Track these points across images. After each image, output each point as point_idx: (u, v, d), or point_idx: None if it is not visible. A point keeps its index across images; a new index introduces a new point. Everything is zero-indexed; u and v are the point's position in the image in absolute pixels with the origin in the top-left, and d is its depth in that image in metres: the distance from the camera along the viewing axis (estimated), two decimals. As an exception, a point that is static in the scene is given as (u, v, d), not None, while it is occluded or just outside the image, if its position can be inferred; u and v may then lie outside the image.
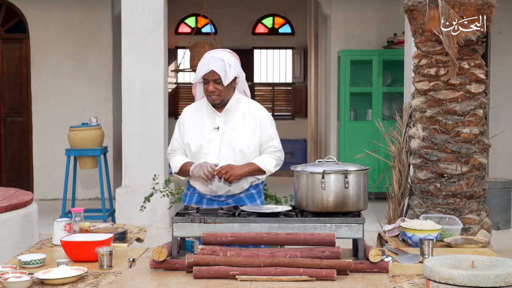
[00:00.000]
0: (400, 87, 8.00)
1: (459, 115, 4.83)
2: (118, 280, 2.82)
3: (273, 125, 3.76)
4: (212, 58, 3.57)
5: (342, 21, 9.23)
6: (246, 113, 3.69)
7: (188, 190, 3.83)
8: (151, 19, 6.90)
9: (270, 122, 3.74)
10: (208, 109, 3.71)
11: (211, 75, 3.56)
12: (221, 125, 3.67)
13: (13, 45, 9.33)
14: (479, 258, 2.59)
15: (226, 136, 3.65)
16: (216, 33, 12.49)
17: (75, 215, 3.55)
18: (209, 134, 3.66)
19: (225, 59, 3.57)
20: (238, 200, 3.72)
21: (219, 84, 3.57)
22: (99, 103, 9.18)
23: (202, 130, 3.68)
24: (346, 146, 8.82)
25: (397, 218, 5.15)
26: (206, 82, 3.60)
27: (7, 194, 5.04)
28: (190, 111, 3.79)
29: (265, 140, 3.70)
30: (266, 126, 3.70)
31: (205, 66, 3.56)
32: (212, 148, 3.64)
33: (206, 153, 3.64)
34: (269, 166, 3.68)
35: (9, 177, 9.37)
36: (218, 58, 3.56)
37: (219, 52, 3.62)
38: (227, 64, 3.57)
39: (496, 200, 6.66)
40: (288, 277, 2.76)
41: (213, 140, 3.65)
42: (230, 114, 3.69)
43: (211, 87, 3.57)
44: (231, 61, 3.59)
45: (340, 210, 3.08)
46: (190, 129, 3.71)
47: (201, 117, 3.71)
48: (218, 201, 3.71)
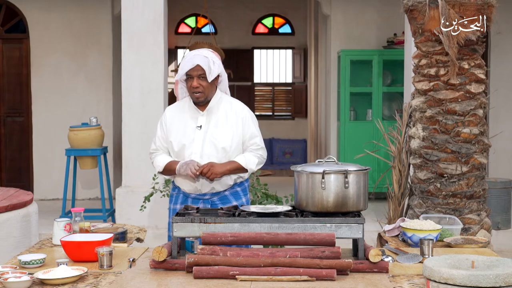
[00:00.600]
0: (400, 87, 7.99)
1: (459, 115, 4.83)
2: (118, 280, 2.82)
3: (255, 123, 3.78)
4: (196, 55, 3.62)
5: (342, 21, 9.23)
6: (228, 111, 3.72)
7: (174, 191, 3.86)
8: (151, 19, 6.90)
9: (252, 120, 3.76)
10: (190, 108, 3.74)
11: (195, 71, 3.60)
12: (204, 123, 3.70)
13: (13, 45, 9.34)
14: (479, 258, 2.59)
15: (208, 134, 3.68)
16: (216, 33, 12.49)
17: (75, 215, 3.55)
18: (191, 133, 3.69)
19: (209, 56, 3.63)
20: (223, 198, 3.74)
21: (203, 80, 3.61)
22: (99, 103, 9.18)
23: (184, 129, 3.71)
24: (346, 146, 8.82)
25: (397, 218, 5.15)
26: (190, 78, 3.63)
27: (7, 194, 5.04)
28: (172, 110, 3.81)
29: (247, 138, 3.72)
30: (249, 124, 3.73)
31: (190, 61, 3.62)
32: (195, 147, 3.66)
33: (189, 152, 3.67)
34: (251, 164, 3.71)
35: (9, 177, 9.37)
36: (202, 55, 3.62)
37: (203, 51, 3.68)
38: (211, 61, 3.62)
39: (496, 200, 6.66)
40: (288, 277, 2.76)
41: (195, 139, 3.67)
42: (213, 112, 3.71)
43: (195, 83, 3.61)
44: (214, 59, 3.65)
45: (340, 210, 3.08)
46: (172, 128, 3.73)
47: (184, 116, 3.74)
48: (203, 200, 3.72)
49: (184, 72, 3.64)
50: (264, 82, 13.81)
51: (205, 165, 3.60)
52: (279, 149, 12.80)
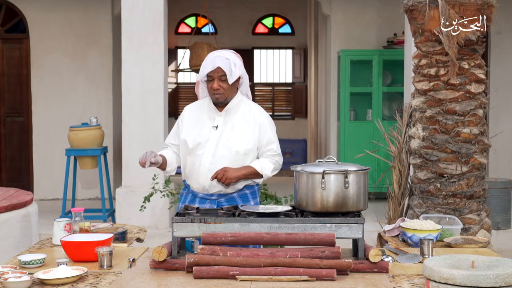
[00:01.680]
0: (400, 87, 8.00)
1: (459, 115, 4.83)
2: (118, 280, 2.82)
3: (273, 128, 3.77)
4: (218, 57, 3.60)
5: (342, 21, 9.23)
6: (247, 114, 3.70)
7: (184, 190, 3.85)
8: (151, 19, 6.90)
9: (270, 125, 3.75)
10: (209, 108, 3.73)
11: (216, 72, 3.59)
12: (220, 124, 3.68)
13: (13, 45, 9.34)
14: (479, 258, 2.59)
15: (224, 135, 3.66)
16: (216, 33, 12.50)
17: (75, 215, 3.55)
18: (207, 133, 3.67)
19: (230, 58, 3.61)
20: (230, 199, 3.72)
21: (224, 82, 3.60)
22: (99, 103, 9.18)
23: (201, 128, 3.70)
24: (346, 146, 8.82)
25: (397, 218, 5.15)
26: (211, 79, 3.62)
27: (7, 194, 5.04)
28: (191, 108, 3.82)
29: (264, 143, 3.71)
30: (266, 129, 3.71)
31: (211, 63, 3.59)
32: (209, 147, 3.65)
33: (202, 151, 3.66)
34: (267, 170, 3.69)
35: (9, 177, 9.37)
36: (224, 57, 3.60)
37: (224, 52, 3.67)
38: (232, 63, 3.60)
39: (496, 200, 6.66)
40: (288, 277, 2.76)
41: (210, 139, 3.66)
42: (231, 114, 3.70)
43: (216, 85, 3.59)
44: (236, 61, 3.63)
45: (340, 210, 3.08)
46: (188, 126, 3.73)
47: (202, 115, 3.74)
48: (210, 200, 3.70)
49: (205, 73, 3.62)
50: (264, 82, 13.81)
51: (219, 170, 3.58)
52: (279, 149, 12.77)
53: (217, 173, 3.58)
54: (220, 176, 3.57)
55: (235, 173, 3.60)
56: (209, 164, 3.63)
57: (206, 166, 3.64)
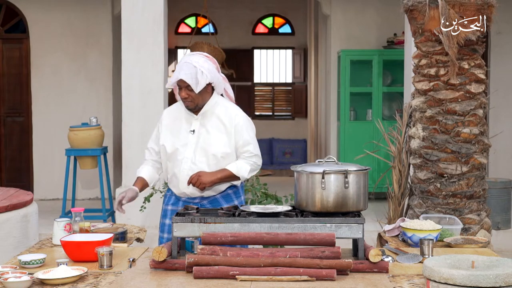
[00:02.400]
0: (400, 87, 7.99)
1: (459, 115, 4.83)
2: (118, 280, 2.82)
3: (249, 129, 3.68)
4: (185, 64, 3.52)
5: (342, 21, 9.23)
6: (222, 117, 3.64)
7: (168, 192, 3.85)
8: (151, 19, 6.90)
9: (246, 126, 3.66)
10: (186, 111, 3.69)
11: (182, 82, 3.54)
12: (197, 128, 3.65)
13: (13, 45, 9.34)
14: (479, 258, 2.59)
15: (201, 139, 3.63)
16: (216, 33, 12.49)
17: (75, 215, 3.56)
18: (185, 137, 3.65)
19: (198, 65, 3.51)
20: (213, 201, 3.71)
21: (191, 91, 3.55)
22: (99, 103, 9.18)
23: (178, 132, 3.67)
24: (346, 146, 8.82)
25: (397, 218, 5.15)
26: (180, 88, 3.58)
27: (7, 194, 5.04)
28: (169, 112, 3.79)
29: (240, 145, 3.65)
30: (242, 131, 3.64)
31: (176, 73, 3.54)
32: (187, 152, 3.63)
33: (181, 157, 3.63)
34: (243, 172, 3.63)
35: (9, 177, 9.37)
36: (191, 65, 3.51)
37: (194, 57, 3.56)
38: (199, 72, 3.51)
39: (496, 200, 6.66)
40: (288, 277, 2.76)
41: (188, 144, 3.63)
42: (206, 117, 3.65)
43: (184, 93, 3.56)
44: (204, 68, 3.52)
45: (340, 210, 3.08)
46: (167, 131, 3.71)
47: (179, 119, 3.71)
48: (193, 203, 3.68)
49: (173, 82, 3.60)
50: (264, 82, 13.80)
51: (193, 175, 3.56)
52: (279, 149, 12.80)
53: (191, 178, 3.56)
54: (194, 181, 3.55)
55: (210, 177, 3.57)
56: (188, 170, 3.61)
57: (185, 171, 3.62)
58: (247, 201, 5.35)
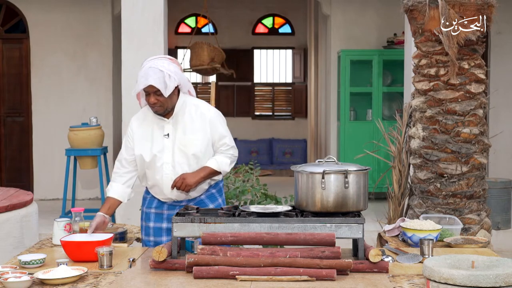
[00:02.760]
0: (400, 87, 8.00)
1: (459, 115, 4.83)
2: (118, 280, 2.82)
3: (222, 122, 3.67)
4: (151, 69, 3.44)
5: (342, 21, 9.23)
6: (194, 115, 3.60)
7: (148, 194, 3.78)
8: (151, 19, 6.89)
9: (219, 120, 3.65)
10: (155, 116, 3.62)
11: (150, 88, 3.45)
12: (171, 131, 3.59)
13: (13, 45, 9.34)
14: (479, 258, 2.59)
15: (177, 142, 3.58)
16: (216, 33, 12.49)
17: (75, 215, 3.56)
18: (160, 143, 3.59)
19: (164, 69, 3.45)
20: (199, 202, 3.69)
21: (160, 95, 3.46)
22: (99, 103, 9.18)
23: (152, 139, 3.61)
24: (346, 146, 8.82)
25: (397, 218, 5.15)
26: (147, 94, 3.49)
27: (7, 194, 5.04)
28: (138, 120, 3.70)
29: (216, 139, 3.63)
30: (216, 125, 3.62)
31: (143, 79, 3.44)
32: (166, 157, 3.58)
33: (160, 162, 3.58)
34: (224, 166, 3.63)
35: (9, 177, 9.37)
36: (157, 69, 3.44)
37: (158, 61, 3.49)
38: (167, 75, 3.44)
39: (496, 200, 6.66)
40: (288, 277, 2.76)
41: (164, 149, 3.58)
42: (178, 118, 3.60)
43: (153, 99, 3.47)
44: (170, 71, 3.47)
45: (340, 210, 3.08)
46: (140, 139, 3.63)
47: (150, 126, 3.63)
48: (179, 206, 3.66)
49: (139, 89, 3.48)
50: (264, 82, 13.81)
51: (177, 178, 3.53)
52: (279, 149, 12.80)
53: (175, 182, 3.53)
54: (179, 185, 3.52)
55: (194, 178, 3.55)
56: (171, 175, 3.58)
57: (168, 177, 3.58)
58: (247, 202, 5.36)
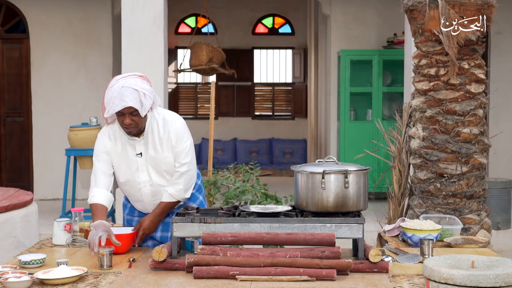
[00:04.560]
0: (400, 87, 8.00)
1: (459, 115, 4.83)
2: (118, 280, 2.82)
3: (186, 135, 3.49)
4: (125, 88, 3.25)
5: (342, 21, 9.23)
6: (161, 132, 3.46)
7: (128, 202, 3.76)
8: (151, 19, 6.89)
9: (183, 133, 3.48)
10: (125, 135, 3.46)
11: (127, 109, 3.27)
12: (143, 150, 3.48)
13: (13, 45, 9.34)
14: (479, 258, 2.59)
15: (149, 160, 3.48)
16: (216, 33, 12.50)
17: (75, 215, 3.56)
18: (134, 162, 3.49)
19: (138, 88, 3.28)
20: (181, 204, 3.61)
21: (136, 115, 3.30)
22: (99, 103, 9.16)
23: (126, 159, 3.50)
24: (346, 146, 8.82)
25: (397, 218, 5.15)
26: (121, 114, 3.30)
27: (7, 194, 5.04)
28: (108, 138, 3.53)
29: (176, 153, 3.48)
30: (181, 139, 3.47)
31: (118, 100, 3.24)
32: (142, 176, 3.50)
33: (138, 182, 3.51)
34: (180, 195, 3.50)
35: (9, 177, 9.37)
36: (131, 89, 3.26)
37: (130, 80, 3.30)
38: (142, 94, 3.28)
39: (496, 200, 6.66)
40: (288, 277, 2.76)
41: (139, 168, 3.50)
42: (148, 137, 3.47)
43: (128, 121, 3.30)
44: (145, 89, 3.30)
45: (340, 210, 3.08)
46: (115, 157, 3.51)
47: (123, 144, 3.50)
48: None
49: (115, 110, 3.27)
50: (264, 82, 13.81)
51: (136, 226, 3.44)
52: (279, 149, 12.80)
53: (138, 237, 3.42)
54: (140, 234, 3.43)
55: (153, 223, 3.47)
56: (151, 192, 3.53)
57: (148, 194, 3.53)
58: (247, 202, 5.36)
